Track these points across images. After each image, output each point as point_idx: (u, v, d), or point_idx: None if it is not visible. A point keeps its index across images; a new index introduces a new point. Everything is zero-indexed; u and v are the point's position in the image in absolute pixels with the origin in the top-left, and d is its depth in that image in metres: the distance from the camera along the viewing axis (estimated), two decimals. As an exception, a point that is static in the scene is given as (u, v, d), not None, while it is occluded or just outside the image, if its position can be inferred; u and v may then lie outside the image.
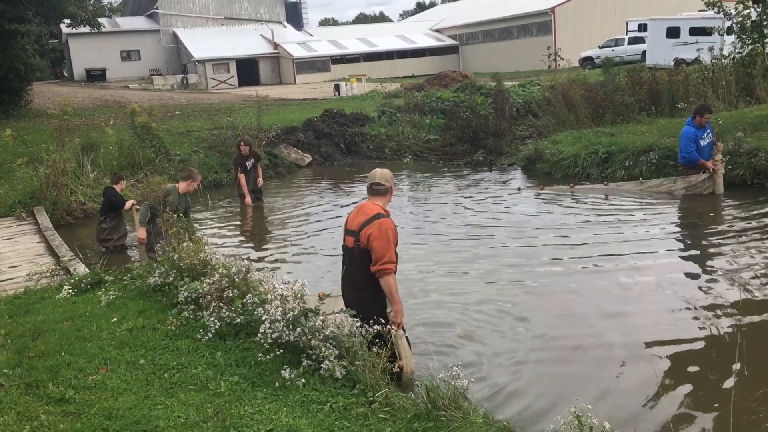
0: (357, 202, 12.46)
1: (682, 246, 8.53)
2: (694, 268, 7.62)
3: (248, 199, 12.41)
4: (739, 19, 17.23)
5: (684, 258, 8.03)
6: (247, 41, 52.66)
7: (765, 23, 17.15)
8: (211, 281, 5.69)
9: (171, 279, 6.38)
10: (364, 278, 4.91)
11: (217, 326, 5.28)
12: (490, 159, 16.57)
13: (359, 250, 4.89)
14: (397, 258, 4.96)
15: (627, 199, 11.07)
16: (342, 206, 12.53)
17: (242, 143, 12.73)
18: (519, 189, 12.78)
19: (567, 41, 40.26)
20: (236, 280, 5.74)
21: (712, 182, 10.68)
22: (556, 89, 18.13)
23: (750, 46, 17.21)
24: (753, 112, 13.97)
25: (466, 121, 18.57)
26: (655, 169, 12.11)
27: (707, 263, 7.69)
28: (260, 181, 12.78)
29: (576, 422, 3.54)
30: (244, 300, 5.39)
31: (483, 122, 18.38)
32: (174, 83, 47.45)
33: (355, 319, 4.69)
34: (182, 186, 8.86)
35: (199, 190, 9.19)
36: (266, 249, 9.86)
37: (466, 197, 12.49)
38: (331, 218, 11.53)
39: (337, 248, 8.77)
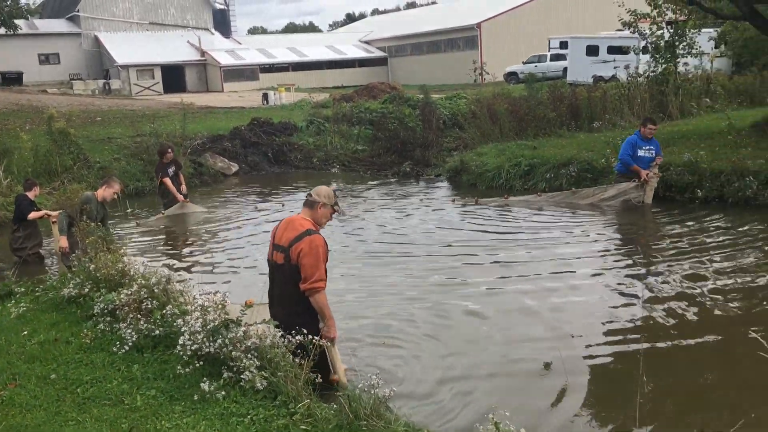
0: (286, 212, 12.48)
1: (598, 258, 8.81)
2: (606, 282, 7.83)
3: (180, 196, 12.14)
4: (653, 39, 18.08)
5: (597, 271, 8.26)
6: (173, 47, 51.60)
7: (677, 44, 18.07)
8: (129, 292, 5.53)
9: (86, 290, 6.16)
10: (294, 295, 4.81)
11: (134, 338, 5.12)
12: (417, 170, 16.76)
13: (290, 267, 4.80)
14: (326, 274, 4.90)
15: (557, 211, 11.29)
16: (270, 218, 12.39)
17: (170, 150, 12.51)
18: (453, 200, 12.93)
19: (492, 56, 41.21)
20: (156, 290, 5.60)
21: (642, 192, 10.99)
22: (481, 103, 18.52)
23: (663, 65, 18.09)
24: (665, 129, 14.63)
25: (394, 133, 18.73)
26: (574, 181, 12.50)
27: (617, 277, 7.92)
28: (183, 188, 12.52)
29: (495, 429, 3.61)
30: (164, 311, 5.26)
31: (410, 134, 18.57)
32: (95, 88, 45.95)
33: (277, 330, 4.64)
34: (100, 193, 8.58)
35: (119, 199, 8.91)
36: (191, 260, 9.64)
37: (394, 209, 12.57)
38: (259, 228, 11.39)
39: (264, 260, 8.73)
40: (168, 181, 12.15)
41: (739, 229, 9.47)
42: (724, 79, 20.69)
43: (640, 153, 10.97)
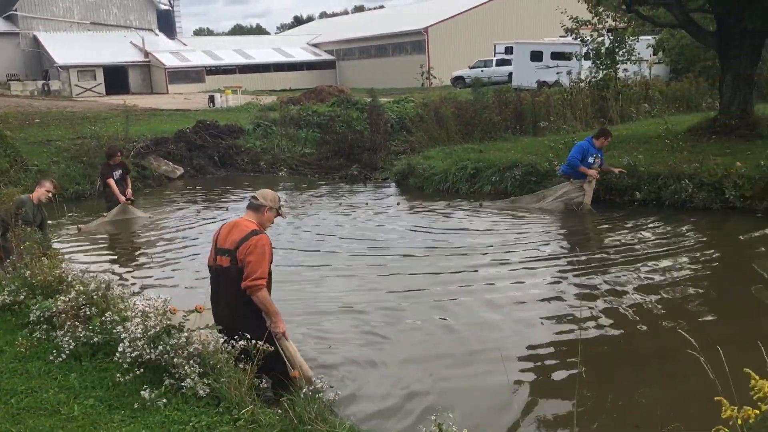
0: (232, 216, 12.33)
1: (538, 260, 8.98)
2: (547, 282, 8.01)
3: (122, 197, 11.85)
4: (594, 45, 18.56)
5: (538, 272, 8.44)
6: (116, 48, 50.42)
7: (617, 50, 18.58)
8: (67, 299, 5.37)
9: (22, 297, 5.96)
10: (242, 297, 4.76)
11: (72, 346, 4.98)
12: (365, 173, 16.79)
13: (236, 270, 4.75)
14: (271, 276, 4.89)
15: (500, 215, 11.48)
16: (216, 221, 12.23)
17: (120, 152, 12.34)
18: (399, 203, 13.02)
19: (440, 61, 41.59)
20: (95, 297, 5.45)
21: (582, 194, 11.19)
22: (428, 106, 18.67)
23: (604, 71, 18.57)
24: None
25: (341, 136, 18.73)
26: (518, 184, 12.73)
27: (558, 277, 8.10)
28: (129, 192, 12.26)
29: (438, 430, 3.64)
30: (103, 318, 5.13)
31: (358, 137, 18.60)
32: (34, 89, 44.56)
33: (220, 335, 4.58)
34: (35, 195, 8.29)
35: (56, 201, 8.64)
36: (133, 266, 9.44)
37: (343, 213, 12.56)
38: (202, 232, 11.22)
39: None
40: (112, 182, 11.89)
41: (675, 231, 9.79)
42: (661, 85, 21.36)
43: (590, 159, 11.22)
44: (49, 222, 9.08)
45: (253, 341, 4.34)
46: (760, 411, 2.84)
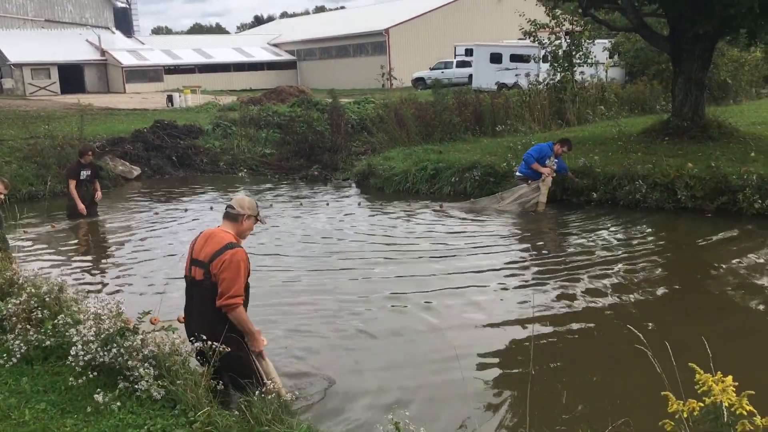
0: (190, 219, 12.20)
1: (492, 260, 9.10)
2: (502, 282, 8.12)
3: (81, 207, 11.53)
4: (552, 48, 18.87)
5: (492, 272, 8.52)
6: (71, 46, 49.40)
7: (574, 53, 18.92)
8: (18, 302, 5.26)
9: (-29, 301, 5.81)
10: (216, 313, 4.55)
11: (23, 350, 4.88)
12: (326, 174, 16.76)
13: (210, 284, 4.55)
14: (248, 290, 4.71)
15: (459, 216, 11.59)
16: (175, 223, 12.09)
17: (91, 152, 12.08)
18: (360, 204, 13.02)
19: (400, 62, 41.75)
20: (47, 299, 5.35)
21: (537, 195, 11.32)
22: (389, 107, 18.74)
23: (561, 74, 18.89)
24: (563, 134, 15.25)
25: (302, 136, 18.66)
26: (478, 185, 12.86)
27: (513, 278, 8.24)
28: (99, 195, 12.05)
29: (395, 429, 3.67)
30: (56, 321, 5.04)
31: (319, 137, 18.55)
32: (-15, 88, 43.44)
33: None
34: None
35: (6, 203, 8.43)
36: (90, 269, 9.23)
37: (305, 215, 12.52)
38: (161, 235, 11.09)
39: (172, 270, 8.49)
40: (73, 186, 11.57)
41: (630, 231, 10.01)
42: (617, 88, 21.81)
43: (546, 162, 11.39)
44: None
45: (209, 343, 4.29)
46: (704, 404, 2.94)
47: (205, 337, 4.32)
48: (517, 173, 11.94)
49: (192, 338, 4.46)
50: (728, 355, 4.78)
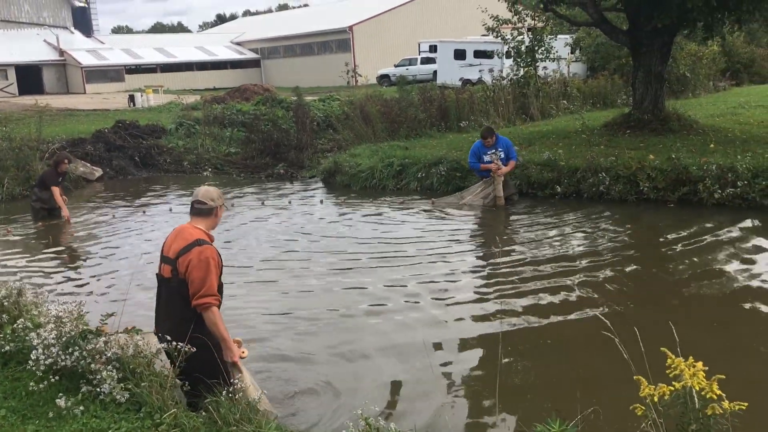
0: (156, 220, 12.01)
1: (461, 255, 9.14)
2: (469, 279, 8.17)
3: (67, 213, 11.77)
4: (515, 44, 19.00)
5: (458, 266, 8.58)
6: (29, 47, 48.40)
7: (536, 49, 19.07)
8: (-25, 307, 5.11)
9: (-75, 307, 5.63)
10: (185, 313, 4.31)
11: (-19, 356, 4.75)
12: (292, 172, 16.65)
13: (177, 281, 4.31)
14: (222, 289, 4.47)
15: (421, 214, 11.62)
16: (140, 223, 11.89)
17: (66, 161, 12.34)
18: (322, 201, 12.94)
19: (365, 59, 41.76)
20: (5, 303, 5.22)
21: (493, 191, 11.32)
22: (354, 104, 18.70)
23: (524, 69, 19.03)
24: (527, 129, 15.39)
25: (267, 134, 18.49)
26: (444, 180, 12.89)
27: (474, 271, 8.30)
28: (65, 198, 12.24)
29: (365, 424, 3.65)
30: (15, 325, 4.91)
31: (284, 135, 18.41)
32: (-61, 89, 42.28)
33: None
34: None
35: None
36: (55, 274, 8.99)
37: (270, 214, 12.41)
38: (126, 238, 10.90)
39: (134, 271, 8.35)
40: (58, 190, 11.81)
41: (594, 222, 10.13)
42: (579, 82, 22.06)
43: (486, 158, 11.38)
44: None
45: (174, 343, 4.18)
46: (675, 388, 2.98)
47: (169, 338, 4.21)
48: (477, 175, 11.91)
49: (158, 338, 4.36)
50: (693, 342, 4.85)
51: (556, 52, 19.61)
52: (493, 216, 11.01)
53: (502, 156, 11.39)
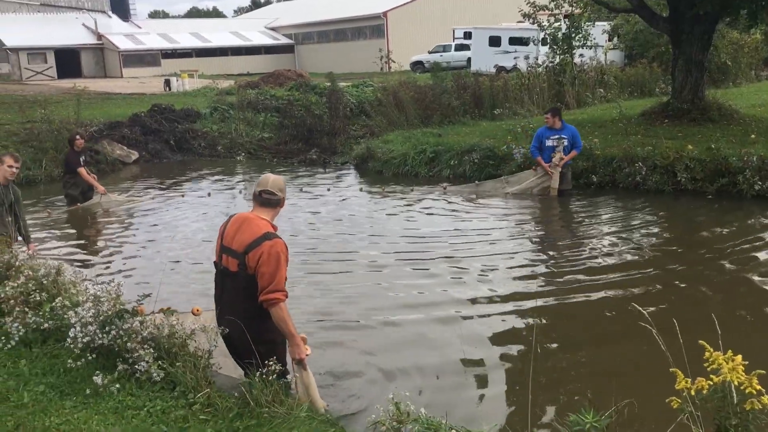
0: (194, 202, 12.13)
1: (497, 244, 9.06)
2: (504, 265, 8.07)
3: (101, 186, 11.67)
4: (551, 31, 18.72)
5: (494, 256, 8.49)
6: (68, 31, 49.06)
7: (573, 36, 18.77)
8: (16, 284, 5.22)
9: (-32, 284, 5.77)
10: (249, 310, 4.20)
11: (21, 333, 4.84)
12: (324, 158, 16.69)
13: (245, 276, 4.16)
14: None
15: (461, 202, 11.51)
16: (176, 208, 12.04)
17: (78, 137, 11.97)
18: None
19: (399, 45, 41.51)
20: (45, 282, 5.31)
21: (548, 181, 10.93)
22: (387, 91, 18.65)
23: (561, 57, 18.76)
24: (563, 117, 15.14)
25: (300, 120, 18.58)
26: (477, 168, 12.80)
27: (511, 260, 8.20)
28: (94, 176, 12.09)
29: (395, 409, 3.65)
30: (54, 303, 5.00)
31: (317, 121, 18.47)
32: (-19, 72, 43.20)
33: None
34: None
35: (20, 177, 8.15)
36: (93, 255, 9.13)
37: (309, 200, 12.47)
38: (162, 221, 11.04)
39: (170, 254, 8.46)
40: (84, 171, 11.62)
41: (630, 212, 9.98)
42: (616, 70, 21.68)
43: (548, 143, 10.89)
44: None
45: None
46: (713, 382, 2.91)
47: (228, 330, 4.24)
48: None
49: (221, 329, 4.33)
50: (733, 336, 4.75)
51: (594, 39, 19.29)
52: (529, 205, 10.88)
53: (566, 144, 10.83)
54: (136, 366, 4.24)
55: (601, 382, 4.88)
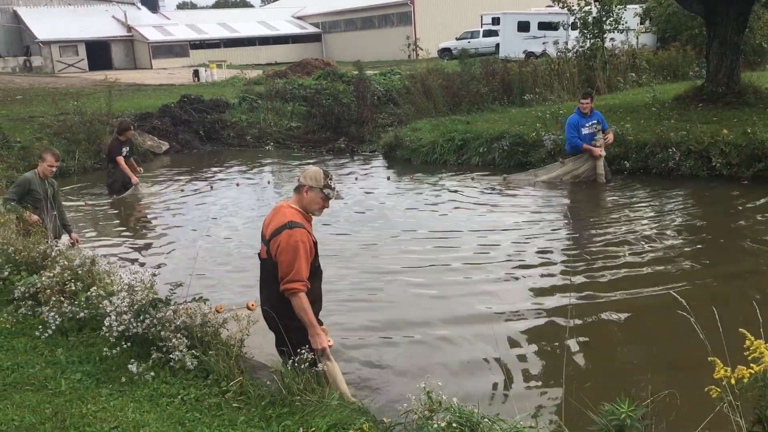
0: (224, 193, 12.20)
1: (530, 231, 8.97)
2: (537, 252, 8.00)
3: (135, 177, 11.85)
4: (582, 15, 18.41)
5: (527, 244, 8.41)
6: (98, 23, 49.69)
7: (604, 20, 18.45)
8: (52, 274, 5.31)
9: (6, 274, 5.88)
10: (277, 294, 4.28)
11: (58, 322, 4.93)
12: (352, 146, 16.68)
13: (272, 263, 4.26)
14: (321, 273, 4.46)
15: (494, 190, 11.41)
16: (203, 198, 12.14)
17: (132, 127, 12.24)
18: (389, 178, 12.90)
19: (426, 32, 41.27)
20: (80, 272, 5.40)
21: (594, 168, 10.77)
22: (415, 78, 18.55)
23: (591, 41, 18.45)
24: (594, 102, 14.91)
25: (328, 109, 18.58)
26: (506, 155, 12.69)
27: (546, 249, 8.12)
28: (140, 169, 12.40)
29: (426, 399, 3.64)
30: (89, 293, 5.08)
31: (345, 110, 18.46)
32: (15, 66, 44.03)
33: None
34: (39, 169, 8.02)
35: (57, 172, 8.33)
36: (127, 245, 9.21)
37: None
38: (195, 211, 11.13)
39: (202, 244, 8.54)
40: (122, 161, 11.81)
41: (664, 199, 9.81)
42: (648, 54, 21.26)
43: (584, 131, 10.70)
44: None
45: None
46: (754, 371, 2.84)
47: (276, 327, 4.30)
48: (566, 150, 11.22)
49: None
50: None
51: (625, 22, 18.92)
52: (560, 193, 10.75)
53: (594, 130, 10.70)
54: (170, 354, 4.28)
55: (638, 372, 4.81)
